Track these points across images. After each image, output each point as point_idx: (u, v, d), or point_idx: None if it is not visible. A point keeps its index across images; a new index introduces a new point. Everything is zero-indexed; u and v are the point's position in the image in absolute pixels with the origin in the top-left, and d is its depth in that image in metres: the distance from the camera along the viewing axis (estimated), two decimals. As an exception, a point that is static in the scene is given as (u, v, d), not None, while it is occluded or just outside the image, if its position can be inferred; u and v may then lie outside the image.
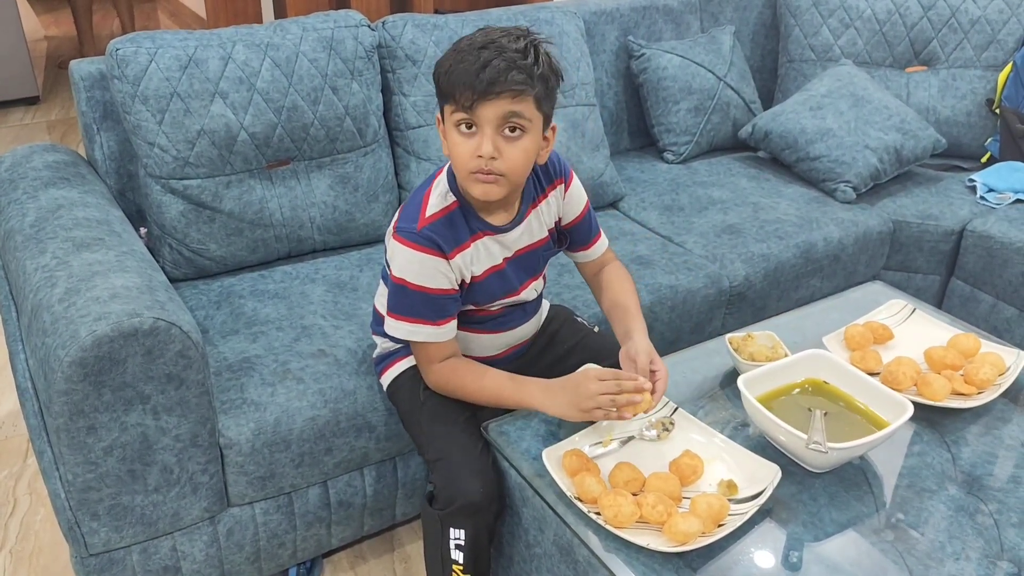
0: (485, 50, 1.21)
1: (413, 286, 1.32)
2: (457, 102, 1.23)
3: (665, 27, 2.53)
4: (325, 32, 1.85)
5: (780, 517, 1.21)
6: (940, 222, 2.25)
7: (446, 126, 1.29)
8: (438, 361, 1.39)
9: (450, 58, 1.24)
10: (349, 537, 1.67)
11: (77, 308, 1.27)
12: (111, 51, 1.69)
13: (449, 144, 1.29)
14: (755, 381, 1.35)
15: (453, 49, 1.25)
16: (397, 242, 1.32)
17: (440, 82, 1.26)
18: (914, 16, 2.54)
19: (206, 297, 1.75)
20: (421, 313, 1.34)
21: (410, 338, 1.36)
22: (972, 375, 1.45)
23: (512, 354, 1.56)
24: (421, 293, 1.32)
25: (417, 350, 1.40)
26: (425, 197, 1.35)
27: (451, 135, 1.28)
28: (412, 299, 1.33)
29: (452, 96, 1.24)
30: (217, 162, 1.74)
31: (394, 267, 1.33)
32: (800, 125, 2.37)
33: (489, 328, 1.48)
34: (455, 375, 1.39)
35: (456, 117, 1.25)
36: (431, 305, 1.34)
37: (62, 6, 6.20)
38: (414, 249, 1.31)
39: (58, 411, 1.25)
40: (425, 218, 1.33)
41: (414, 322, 1.35)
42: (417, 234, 1.31)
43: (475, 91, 1.20)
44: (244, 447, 1.43)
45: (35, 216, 1.55)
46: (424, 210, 1.33)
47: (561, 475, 1.23)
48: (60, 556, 1.77)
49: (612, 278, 1.55)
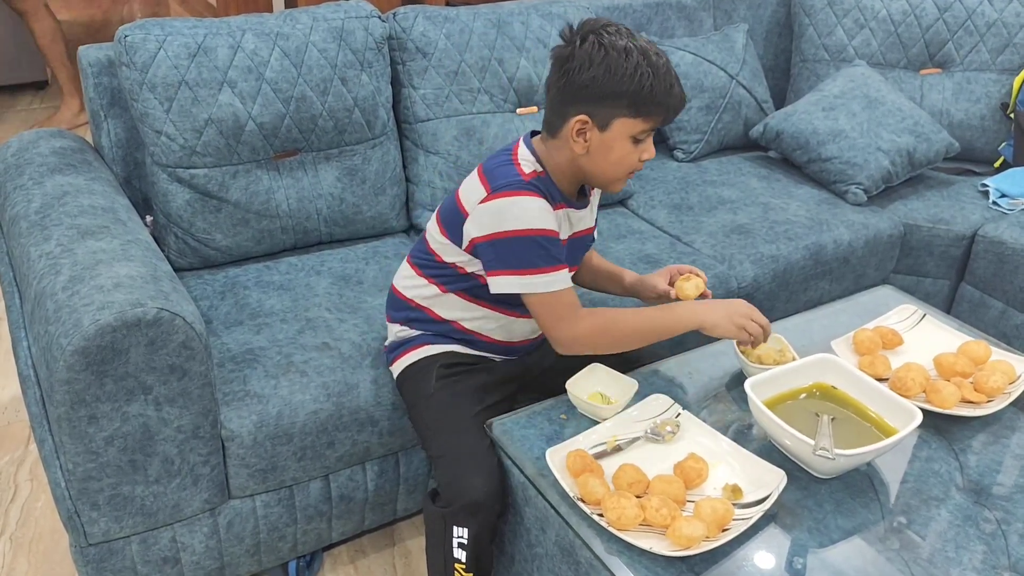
0: (668, 74, 1.30)
1: (541, 232, 1.31)
2: (650, 118, 1.32)
3: (678, 24, 2.51)
4: (335, 22, 1.84)
5: (785, 522, 1.19)
6: (951, 226, 2.23)
7: (613, 133, 1.32)
8: (577, 304, 1.37)
9: (644, 73, 1.27)
10: (350, 531, 1.66)
11: (81, 296, 1.26)
12: (119, 38, 1.67)
13: (614, 150, 1.34)
14: (762, 385, 1.34)
15: (645, 61, 1.28)
16: (510, 196, 1.31)
17: (632, 96, 1.28)
18: (930, 18, 2.52)
19: (211, 287, 1.75)
20: (556, 258, 1.33)
21: (549, 288, 1.33)
22: (982, 383, 1.43)
23: (530, 345, 1.57)
24: (547, 237, 1.32)
25: (556, 301, 1.34)
26: (514, 162, 1.37)
27: (621, 143, 1.33)
28: (545, 247, 1.31)
29: (646, 112, 1.31)
30: (224, 152, 1.73)
31: (512, 222, 1.31)
32: (812, 126, 2.35)
33: (525, 312, 1.46)
34: (609, 314, 1.38)
35: (639, 129, 1.32)
36: (559, 248, 1.35)
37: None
38: (530, 196, 1.32)
39: (60, 400, 1.24)
40: (525, 174, 1.35)
41: (551, 270, 1.33)
42: (527, 184, 1.34)
43: (669, 113, 1.33)
44: (246, 439, 1.42)
45: (40, 202, 1.54)
46: (520, 170, 1.36)
47: (564, 475, 1.22)
48: (60, 543, 1.77)
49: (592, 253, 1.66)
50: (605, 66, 1.27)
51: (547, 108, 1.38)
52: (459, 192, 1.41)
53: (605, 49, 1.27)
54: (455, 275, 1.44)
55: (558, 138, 1.36)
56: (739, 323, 1.39)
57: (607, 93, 1.29)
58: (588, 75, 1.28)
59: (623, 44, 1.27)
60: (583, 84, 1.29)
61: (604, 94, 1.29)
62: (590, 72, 1.28)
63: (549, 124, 1.38)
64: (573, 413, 1.40)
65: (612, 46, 1.27)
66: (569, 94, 1.31)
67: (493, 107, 2.03)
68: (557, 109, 1.35)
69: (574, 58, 1.29)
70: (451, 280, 1.44)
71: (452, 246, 1.41)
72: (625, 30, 1.31)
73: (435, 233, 1.45)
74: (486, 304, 1.45)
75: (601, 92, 1.29)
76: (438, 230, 1.44)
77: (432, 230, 1.46)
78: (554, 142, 1.38)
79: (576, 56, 1.29)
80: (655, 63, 1.28)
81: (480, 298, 1.45)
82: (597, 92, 1.29)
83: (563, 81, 1.31)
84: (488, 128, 2.01)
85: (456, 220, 1.39)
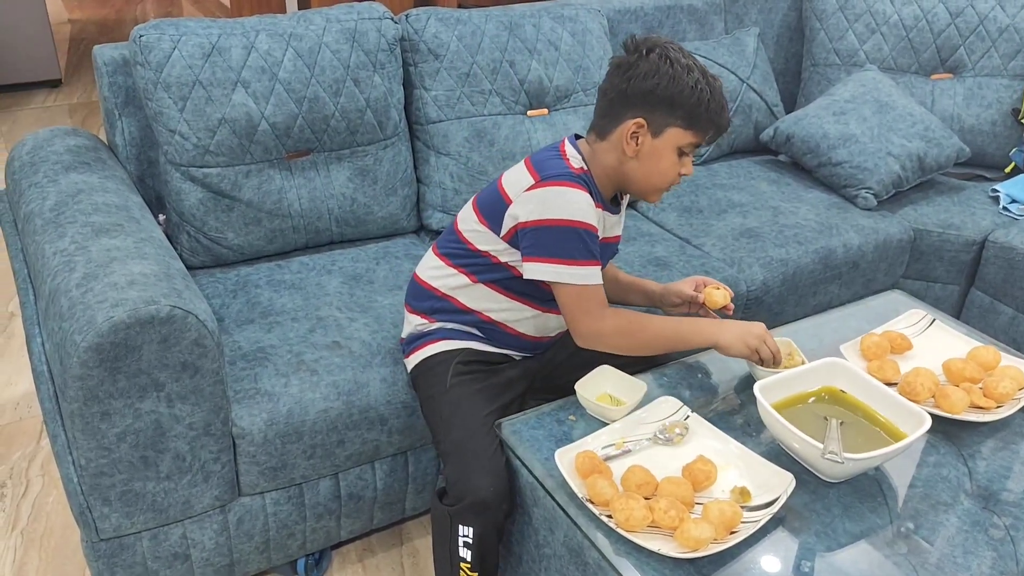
0: (722, 96, 1.38)
1: (584, 225, 1.34)
2: (700, 132, 1.38)
3: (689, 27, 2.51)
4: (348, 24, 1.85)
5: (793, 526, 1.20)
6: (962, 232, 2.23)
7: (664, 141, 1.38)
8: (605, 302, 1.40)
9: (704, 89, 1.35)
10: (358, 530, 1.67)
11: (94, 293, 1.27)
12: (135, 37, 1.69)
13: (663, 160, 1.39)
14: (771, 388, 1.34)
15: (704, 80, 1.35)
16: (559, 185, 1.35)
17: (689, 109, 1.35)
18: (941, 23, 2.52)
19: (223, 286, 1.76)
20: (593, 253, 1.37)
21: (582, 281, 1.36)
22: (991, 388, 1.43)
23: (548, 342, 1.58)
24: (588, 231, 1.35)
25: (586, 295, 1.38)
26: (563, 156, 1.41)
27: (668, 154, 1.39)
28: (586, 240, 1.35)
29: (698, 126, 1.37)
30: (237, 151, 1.75)
31: (557, 211, 1.34)
32: (823, 130, 2.35)
33: (556, 308, 1.48)
34: (634, 317, 1.42)
35: (688, 141, 1.38)
36: (597, 244, 1.38)
37: (86, -10, 6.24)
38: (578, 189, 1.36)
39: (73, 396, 1.25)
40: (574, 168, 1.39)
41: (587, 264, 1.36)
42: (577, 177, 1.38)
43: (717, 132, 1.40)
44: (256, 437, 1.43)
45: (55, 200, 1.55)
46: (569, 164, 1.40)
47: (573, 476, 1.23)
48: (71, 538, 1.78)
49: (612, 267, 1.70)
50: (669, 76, 1.34)
51: (599, 112, 1.43)
52: (502, 181, 1.45)
53: (671, 62, 1.35)
54: (487, 264, 1.46)
55: (607, 141, 1.41)
56: (753, 345, 1.43)
57: (667, 101, 1.35)
58: (652, 82, 1.35)
59: (686, 61, 1.36)
60: (646, 90, 1.36)
61: (663, 102, 1.36)
62: (654, 79, 1.35)
63: (599, 128, 1.43)
64: (582, 414, 1.41)
65: (677, 60, 1.35)
66: (629, 99, 1.37)
67: (504, 109, 2.04)
68: (612, 112, 1.40)
69: (639, 66, 1.36)
70: (482, 270, 1.46)
71: (489, 234, 1.43)
72: (686, 50, 1.39)
73: (470, 221, 1.47)
74: (515, 296, 1.47)
75: (661, 99, 1.35)
76: (475, 218, 1.46)
77: (466, 219, 1.49)
78: (602, 145, 1.42)
79: (641, 64, 1.36)
80: (712, 84, 1.37)
81: (510, 290, 1.47)
82: (657, 99, 1.36)
83: (624, 86, 1.37)
84: (499, 130, 2.02)
85: (497, 207, 1.42)
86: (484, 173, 2.01)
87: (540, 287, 1.44)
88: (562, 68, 2.09)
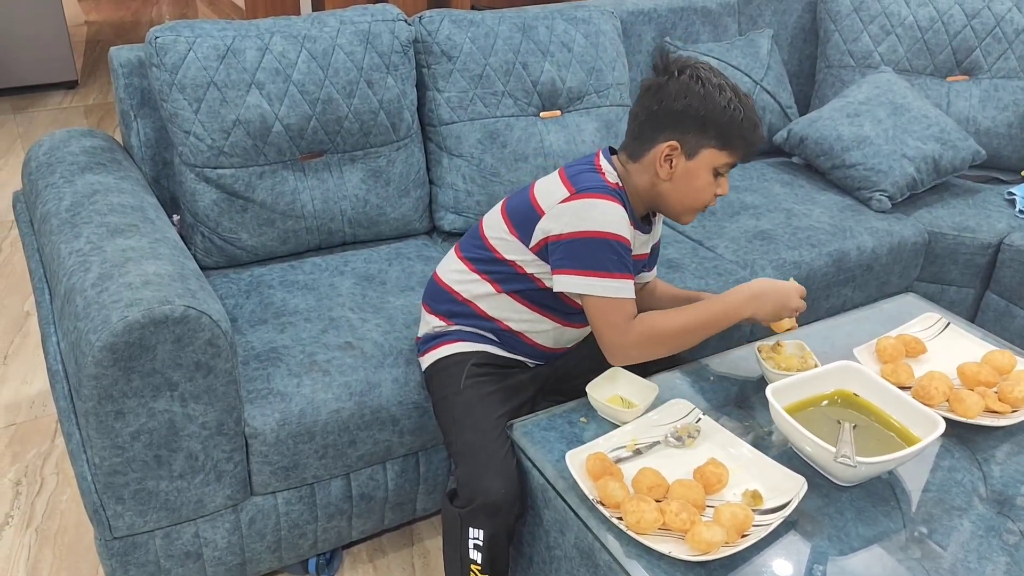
0: (755, 114, 1.37)
1: (618, 237, 1.33)
2: (734, 152, 1.38)
3: (703, 29, 2.51)
4: (362, 26, 1.85)
5: (805, 530, 1.19)
6: (977, 235, 2.22)
7: (699, 163, 1.37)
8: (634, 316, 1.38)
9: (736, 109, 1.34)
10: (369, 530, 1.68)
11: (110, 293, 1.28)
12: (150, 39, 1.70)
13: (697, 181, 1.39)
14: (784, 391, 1.34)
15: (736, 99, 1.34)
16: (595, 198, 1.34)
17: (722, 128, 1.35)
18: (957, 24, 2.50)
19: (236, 286, 1.77)
20: (627, 266, 1.35)
21: (614, 294, 1.34)
22: (1006, 393, 1.42)
23: (561, 352, 1.58)
24: (622, 244, 1.34)
25: (616, 308, 1.35)
26: (598, 169, 1.40)
27: (703, 174, 1.38)
28: (620, 253, 1.34)
29: (732, 145, 1.37)
30: (251, 152, 1.75)
31: (592, 223, 1.33)
32: (837, 132, 2.34)
33: (577, 322, 1.49)
34: (658, 318, 1.38)
35: (723, 162, 1.38)
36: (630, 258, 1.36)
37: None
38: (615, 203, 1.35)
39: (87, 395, 1.26)
40: (611, 183, 1.39)
41: (620, 277, 1.34)
42: (614, 191, 1.37)
43: (751, 150, 1.39)
44: (269, 437, 1.44)
45: (71, 200, 1.57)
46: (605, 178, 1.39)
47: (584, 478, 1.23)
48: (84, 536, 1.80)
49: (657, 282, 1.68)
50: (701, 97, 1.33)
51: (631, 135, 1.42)
52: (534, 191, 1.43)
53: (702, 82, 1.34)
54: (512, 274, 1.45)
55: (640, 163, 1.40)
56: (783, 303, 1.45)
57: (700, 122, 1.34)
58: (684, 103, 1.34)
59: (717, 81, 1.35)
60: (678, 111, 1.35)
61: (696, 123, 1.34)
62: (686, 100, 1.34)
63: (631, 150, 1.42)
64: (593, 416, 1.40)
65: (708, 80, 1.34)
66: (661, 121, 1.36)
67: (517, 111, 2.04)
68: (645, 135, 1.39)
69: (669, 87, 1.35)
70: (507, 279, 1.46)
71: (517, 243, 1.42)
72: (716, 70, 1.37)
73: (499, 229, 1.46)
74: (537, 308, 1.47)
75: (694, 121, 1.34)
76: (504, 226, 1.45)
77: (494, 225, 1.47)
78: (635, 166, 1.41)
79: (672, 86, 1.35)
80: (745, 102, 1.36)
81: (533, 301, 1.46)
82: (690, 120, 1.34)
83: (656, 108, 1.36)
84: (512, 132, 2.02)
85: (529, 217, 1.41)
86: (496, 175, 2.01)
87: (564, 301, 1.43)
88: (575, 70, 2.09)
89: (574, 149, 2.08)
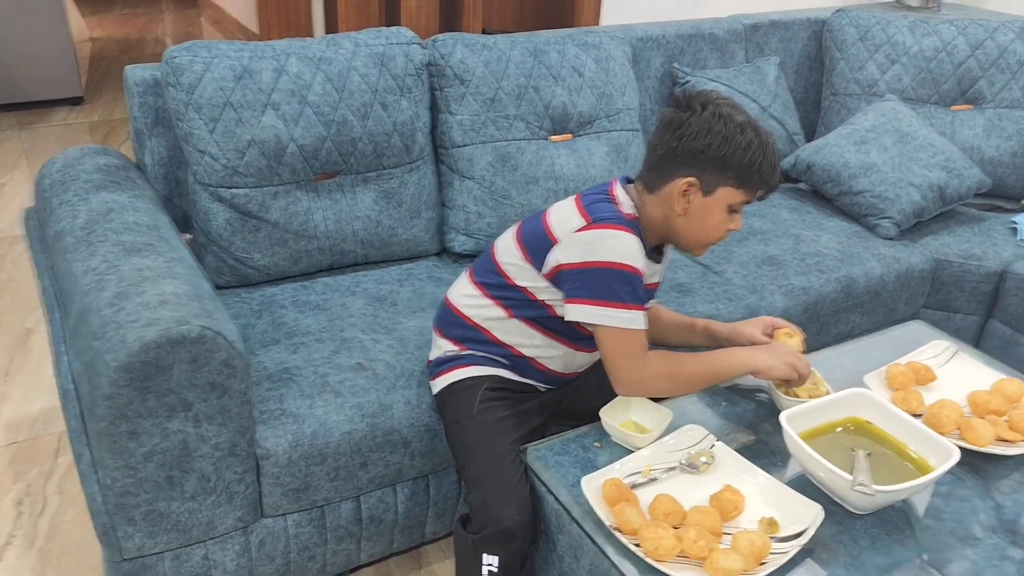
0: (774, 155, 1.37)
1: (632, 269, 1.34)
2: (751, 191, 1.38)
3: (710, 55, 2.53)
4: (377, 48, 1.87)
5: (820, 558, 1.19)
6: (983, 262, 2.23)
7: (715, 200, 1.37)
8: (646, 348, 1.38)
9: (756, 149, 1.34)
10: (378, 554, 1.67)
11: (127, 313, 1.28)
12: (167, 59, 1.71)
13: (712, 218, 1.39)
14: (797, 418, 1.34)
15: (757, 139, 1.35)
16: (610, 228, 1.35)
17: (741, 169, 1.34)
18: (962, 54, 2.53)
19: (247, 306, 1.77)
20: (640, 297, 1.36)
21: (627, 325, 1.34)
22: (1017, 421, 1.42)
23: (572, 377, 1.58)
24: (635, 275, 1.34)
25: (629, 339, 1.35)
26: (613, 199, 1.41)
27: (718, 211, 1.38)
28: (633, 284, 1.34)
29: (750, 185, 1.37)
30: (266, 172, 1.76)
31: (607, 253, 1.33)
32: (844, 159, 2.36)
33: (588, 347, 1.49)
34: (672, 359, 1.40)
35: (739, 200, 1.38)
36: (643, 289, 1.37)
37: (108, 8, 6.32)
38: (630, 233, 1.35)
39: (102, 415, 1.26)
40: (625, 214, 1.39)
41: (633, 308, 1.34)
42: (629, 222, 1.37)
43: (768, 190, 1.39)
44: (281, 458, 1.44)
45: (86, 218, 1.57)
46: (619, 209, 1.40)
47: (600, 504, 1.22)
48: (88, 558, 1.78)
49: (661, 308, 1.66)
50: (722, 136, 1.33)
51: (649, 166, 1.42)
52: (548, 218, 1.43)
53: (724, 120, 1.33)
54: (524, 300, 1.45)
55: (657, 196, 1.40)
56: (791, 361, 1.43)
57: (719, 161, 1.34)
58: (704, 141, 1.33)
59: (740, 119, 1.34)
60: (698, 149, 1.34)
61: (716, 162, 1.34)
62: (707, 139, 1.33)
63: (648, 181, 1.42)
64: (607, 441, 1.40)
65: (730, 118, 1.33)
66: (680, 157, 1.36)
67: (528, 134, 2.05)
68: (663, 169, 1.39)
69: (691, 124, 1.34)
70: (519, 305, 1.46)
71: (530, 269, 1.42)
72: (739, 106, 1.37)
73: (512, 255, 1.46)
74: (549, 334, 1.47)
75: (713, 159, 1.34)
76: (518, 252, 1.45)
77: (507, 250, 1.47)
78: (651, 198, 1.41)
79: (693, 122, 1.34)
80: (765, 142, 1.35)
81: (547, 328, 1.46)
82: (709, 159, 1.34)
83: (676, 144, 1.36)
84: (523, 155, 2.03)
85: (542, 244, 1.41)
86: (507, 197, 2.02)
87: (574, 327, 1.43)
88: (586, 94, 2.11)
89: (584, 173, 2.09)
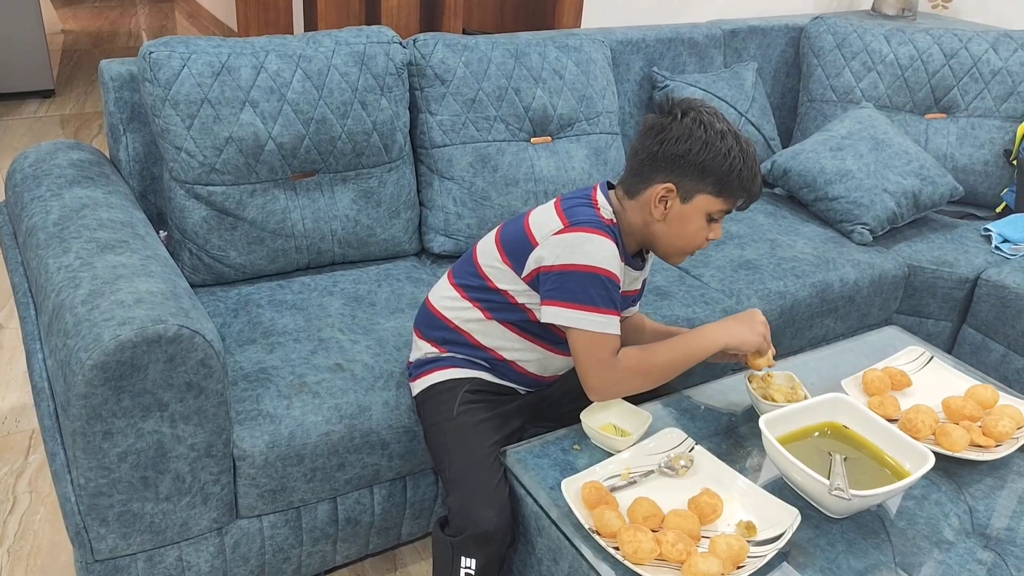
0: (755, 164, 1.37)
1: (608, 273, 1.33)
2: (730, 199, 1.37)
3: (689, 60, 2.54)
4: (357, 47, 1.86)
5: (797, 561, 1.20)
6: (955, 269, 2.26)
7: (693, 207, 1.37)
8: (617, 352, 1.38)
9: (736, 156, 1.33)
10: (353, 555, 1.65)
11: (101, 311, 1.26)
12: (144, 54, 1.69)
13: (690, 225, 1.39)
14: (775, 422, 1.35)
15: (737, 147, 1.33)
16: (588, 232, 1.34)
17: (720, 176, 1.34)
18: (936, 63, 2.56)
19: (224, 304, 1.75)
20: (615, 302, 1.35)
21: (600, 329, 1.34)
22: (990, 427, 1.45)
23: (551, 380, 1.57)
24: (612, 280, 1.34)
25: (602, 344, 1.35)
26: (594, 204, 1.40)
27: (696, 218, 1.38)
28: (608, 289, 1.34)
29: (729, 193, 1.36)
30: (243, 170, 1.74)
31: (584, 256, 1.33)
32: (820, 165, 2.38)
33: (566, 350, 1.48)
34: (640, 353, 1.39)
35: (717, 208, 1.37)
36: (619, 294, 1.36)
37: (81, 0, 6.23)
38: (605, 238, 1.34)
39: (76, 414, 1.24)
40: (605, 219, 1.39)
41: (607, 312, 1.34)
42: (607, 227, 1.37)
43: (748, 200, 1.39)
44: (257, 459, 1.42)
45: (59, 214, 1.54)
46: (600, 213, 1.39)
47: (579, 507, 1.22)
48: (59, 557, 1.75)
49: (644, 319, 1.65)
50: (702, 142, 1.33)
51: (629, 172, 1.42)
52: (529, 221, 1.43)
53: (704, 127, 1.33)
54: (504, 303, 1.44)
55: (636, 201, 1.40)
56: (761, 330, 1.45)
57: (698, 168, 1.34)
58: (684, 147, 1.33)
59: (720, 127, 1.34)
60: (677, 155, 1.34)
61: (695, 168, 1.34)
62: (687, 145, 1.33)
63: (628, 186, 1.41)
64: (586, 444, 1.40)
65: (711, 125, 1.33)
66: (660, 162, 1.36)
67: (508, 135, 2.05)
68: (643, 174, 1.39)
69: (672, 129, 1.34)
70: (498, 308, 1.45)
71: (510, 272, 1.42)
72: (721, 114, 1.37)
73: (492, 258, 1.46)
74: (529, 337, 1.47)
75: (692, 166, 1.34)
76: (498, 256, 1.44)
77: (488, 253, 1.47)
78: (631, 203, 1.41)
79: (674, 128, 1.34)
80: (746, 150, 1.35)
81: (525, 331, 1.46)
82: (688, 165, 1.34)
83: (656, 149, 1.35)
84: (503, 156, 2.03)
85: (523, 247, 1.40)
86: (487, 198, 2.02)
87: (552, 330, 1.43)
88: (566, 97, 2.11)
89: (564, 175, 2.09)
